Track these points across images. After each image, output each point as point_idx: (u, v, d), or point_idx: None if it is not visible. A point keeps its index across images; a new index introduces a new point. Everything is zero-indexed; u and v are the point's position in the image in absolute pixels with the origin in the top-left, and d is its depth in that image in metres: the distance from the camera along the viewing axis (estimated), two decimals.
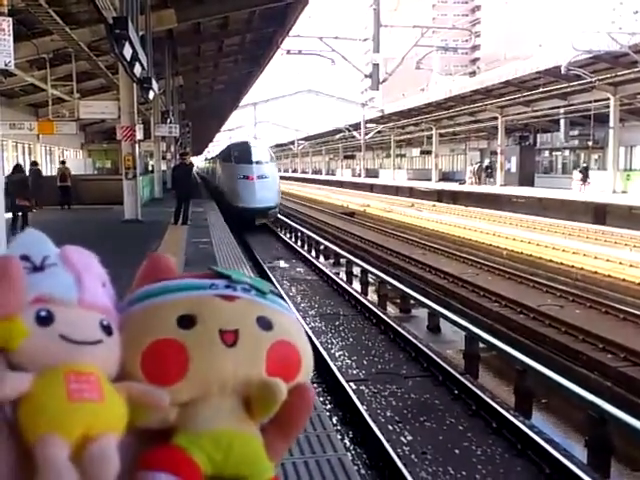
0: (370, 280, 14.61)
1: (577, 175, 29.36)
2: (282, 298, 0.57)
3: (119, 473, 0.46)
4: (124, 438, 0.49)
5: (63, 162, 25.52)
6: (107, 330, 0.51)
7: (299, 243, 21.73)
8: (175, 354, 0.51)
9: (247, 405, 0.53)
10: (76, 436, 0.46)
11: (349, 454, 5.68)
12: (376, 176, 58.36)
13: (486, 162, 42.99)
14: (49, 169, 30.85)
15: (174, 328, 0.52)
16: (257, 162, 23.39)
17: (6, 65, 7.58)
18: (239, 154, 24.13)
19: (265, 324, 0.54)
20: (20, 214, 14.37)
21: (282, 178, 34.25)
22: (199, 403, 0.52)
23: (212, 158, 41.35)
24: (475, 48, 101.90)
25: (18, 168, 16.25)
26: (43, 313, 0.48)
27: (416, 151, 59.34)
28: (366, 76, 34.87)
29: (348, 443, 6.28)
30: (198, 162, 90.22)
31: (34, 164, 22.75)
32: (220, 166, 26.48)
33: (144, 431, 0.52)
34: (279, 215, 23.98)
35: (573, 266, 15.63)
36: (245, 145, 25.85)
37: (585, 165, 31.69)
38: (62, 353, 0.48)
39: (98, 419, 0.47)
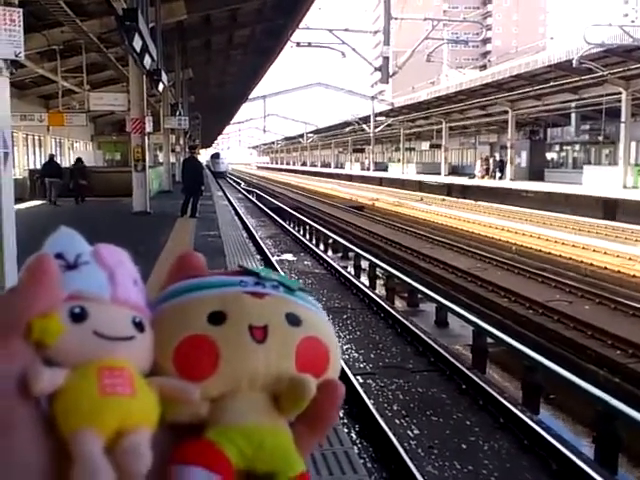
0: (378, 274, 14.60)
1: None
2: (311, 295, 0.57)
3: (151, 466, 0.47)
4: (156, 433, 0.50)
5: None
6: (139, 327, 0.52)
7: (307, 236, 21.74)
8: (206, 350, 0.52)
9: (276, 401, 0.54)
10: (110, 430, 0.47)
11: (355, 447, 5.69)
12: (385, 170, 58.18)
13: (497, 156, 42.75)
14: (59, 161, 31.08)
15: (205, 324, 0.53)
16: (221, 158, 75.32)
17: (16, 56, 7.58)
18: (216, 155, 77.38)
19: (294, 320, 0.54)
20: (79, 195, 20.68)
21: (288, 171, 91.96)
22: (230, 398, 0.53)
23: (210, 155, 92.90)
24: (486, 41, 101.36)
25: (80, 159, 22.85)
26: (77, 310, 0.49)
27: (425, 145, 59.11)
28: (376, 69, 34.76)
29: (355, 436, 6.29)
30: (205, 156, 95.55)
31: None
32: (210, 159, 77.98)
33: (176, 426, 0.52)
34: (283, 207, 30.88)
35: (582, 261, 15.56)
36: (218, 153, 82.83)
37: None
38: (96, 349, 0.49)
39: (131, 413, 0.48)
